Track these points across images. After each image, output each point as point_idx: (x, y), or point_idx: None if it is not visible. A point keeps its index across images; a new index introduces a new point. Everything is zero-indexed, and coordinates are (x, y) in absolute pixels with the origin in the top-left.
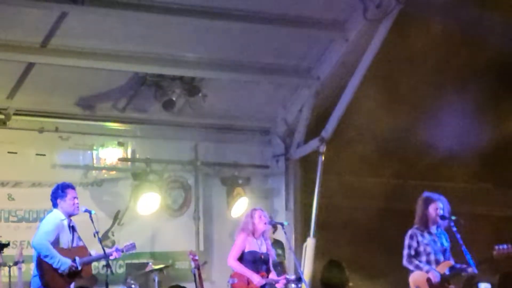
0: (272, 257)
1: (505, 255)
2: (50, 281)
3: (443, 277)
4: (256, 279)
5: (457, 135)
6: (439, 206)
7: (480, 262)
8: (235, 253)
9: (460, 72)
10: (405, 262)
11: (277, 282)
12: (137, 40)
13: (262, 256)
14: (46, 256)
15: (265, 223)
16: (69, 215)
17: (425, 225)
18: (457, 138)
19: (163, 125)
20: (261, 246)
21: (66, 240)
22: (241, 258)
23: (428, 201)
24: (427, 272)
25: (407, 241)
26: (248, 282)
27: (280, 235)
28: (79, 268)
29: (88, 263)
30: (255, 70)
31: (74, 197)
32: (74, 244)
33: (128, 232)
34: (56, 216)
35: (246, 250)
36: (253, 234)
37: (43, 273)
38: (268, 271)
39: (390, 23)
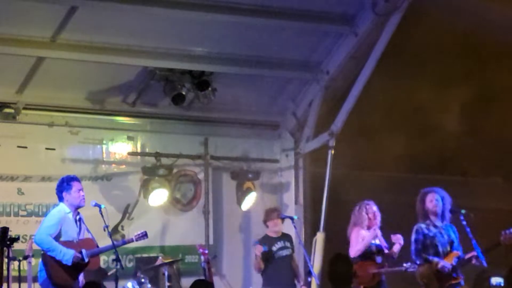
0: (385, 246)
1: None
2: (55, 275)
3: (452, 266)
4: (372, 235)
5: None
6: (434, 197)
7: (488, 249)
8: (357, 246)
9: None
10: (413, 257)
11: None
12: (146, 34)
13: (377, 247)
14: (48, 250)
15: (377, 216)
16: (75, 208)
17: (426, 218)
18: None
19: (172, 119)
20: (375, 238)
21: (72, 233)
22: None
23: (424, 195)
24: (437, 264)
25: (413, 236)
26: (372, 275)
27: (289, 229)
28: (86, 260)
29: (96, 255)
30: (264, 64)
31: (80, 189)
32: (81, 237)
33: (137, 226)
34: (59, 210)
35: None
36: (367, 227)
37: (48, 267)
38: (383, 261)
39: (400, 18)
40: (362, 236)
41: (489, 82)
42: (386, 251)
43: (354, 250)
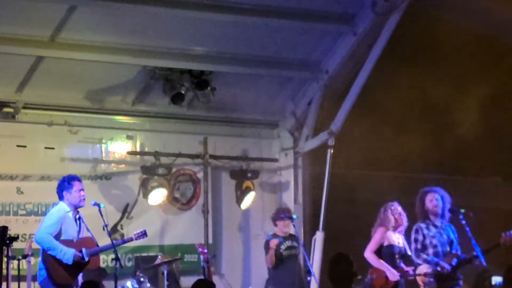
0: (409, 251)
1: None
2: (55, 274)
3: (452, 267)
4: (391, 273)
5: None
6: (434, 197)
7: (488, 250)
8: (372, 245)
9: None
10: (413, 256)
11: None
12: (146, 33)
13: (400, 251)
14: (48, 249)
15: (403, 217)
16: (75, 207)
17: (426, 218)
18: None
19: (172, 119)
20: (399, 240)
21: (72, 232)
22: (379, 252)
23: (423, 194)
24: (436, 264)
25: (413, 235)
26: (386, 277)
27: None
28: (86, 259)
29: (96, 254)
30: (264, 63)
31: (80, 189)
32: (81, 236)
33: (137, 225)
34: (59, 209)
35: (384, 244)
36: (394, 228)
37: (48, 267)
38: (406, 265)
39: (399, 17)
40: (387, 237)
41: (491, 82)
42: (409, 253)
43: (368, 253)
